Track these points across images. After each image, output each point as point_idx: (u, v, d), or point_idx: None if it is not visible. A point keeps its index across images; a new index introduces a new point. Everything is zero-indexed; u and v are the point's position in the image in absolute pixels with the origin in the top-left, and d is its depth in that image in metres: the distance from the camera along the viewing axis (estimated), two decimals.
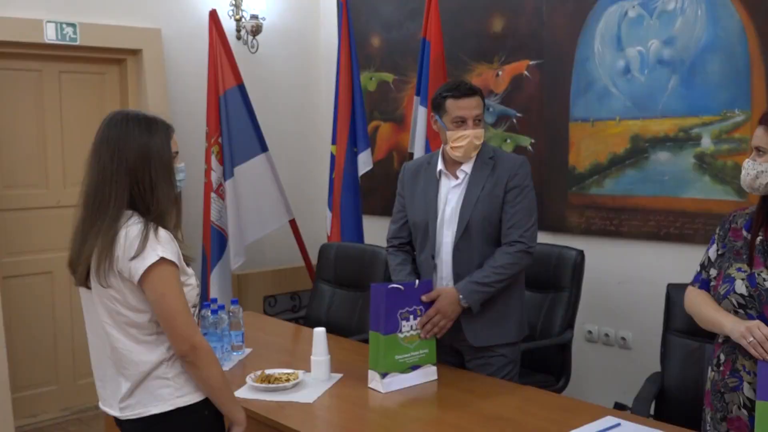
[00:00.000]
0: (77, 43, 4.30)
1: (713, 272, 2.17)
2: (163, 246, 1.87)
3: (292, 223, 4.74)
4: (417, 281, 2.61)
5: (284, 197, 4.67)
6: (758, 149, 2.05)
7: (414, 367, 2.57)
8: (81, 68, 4.52)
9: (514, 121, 4.14)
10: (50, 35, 4.21)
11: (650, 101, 3.55)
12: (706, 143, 3.38)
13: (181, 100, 4.72)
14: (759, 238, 2.07)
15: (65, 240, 2.02)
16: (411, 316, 2.57)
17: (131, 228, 1.88)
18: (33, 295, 4.42)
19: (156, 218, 1.92)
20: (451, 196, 2.75)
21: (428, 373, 2.61)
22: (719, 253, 2.17)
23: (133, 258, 1.85)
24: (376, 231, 4.64)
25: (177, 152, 2.02)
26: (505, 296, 2.73)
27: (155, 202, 1.91)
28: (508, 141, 4.16)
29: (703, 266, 2.23)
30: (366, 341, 2.65)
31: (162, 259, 1.86)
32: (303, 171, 5.37)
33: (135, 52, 4.58)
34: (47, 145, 4.45)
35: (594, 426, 2.15)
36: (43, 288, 4.45)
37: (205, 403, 1.99)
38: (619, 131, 3.67)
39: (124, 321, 1.91)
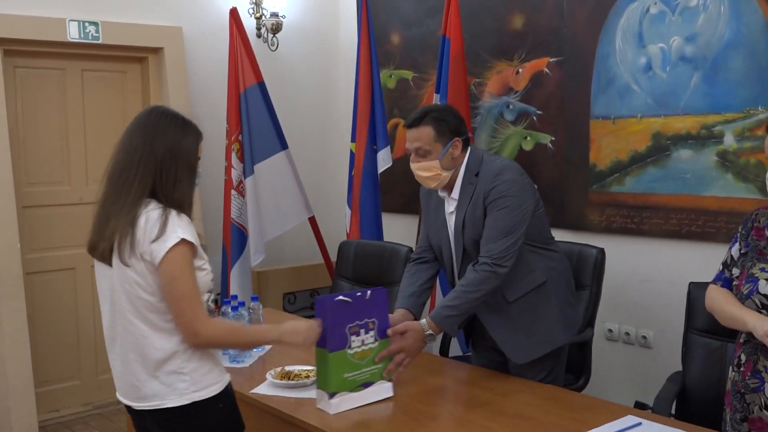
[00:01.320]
0: (99, 41, 4.35)
1: (736, 271, 2.15)
2: (183, 228, 1.94)
3: (312, 220, 4.75)
4: (369, 291, 2.36)
5: (304, 194, 4.69)
6: None
7: (366, 384, 2.35)
8: (103, 66, 4.57)
9: (534, 118, 4.12)
10: (73, 34, 4.26)
11: (672, 98, 3.52)
12: (729, 141, 3.34)
13: (201, 97, 4.75)
14: None
15: (88, 237, 2.07)
16: (362, 330, 2.33)
17: (152, 213, 1.95)
18: (56, 291, 4.48)
19: (174, 208, 1.99)
20: (450, 221, 2.69)
21: (382, 390, 2.39)
22: (742, 252, 2.15)
23: (155, 240, 1.92)
24: (395, 228, 4.64)
25: (199, 158, 2.10)
26: (531, 310, 2.64)
27: (175, 194, 1.99)
28: (528, 138, 4.15)
29: (725, 265, 2.20)
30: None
31: (182, 240, 1.92)
32: (322, 168, 5.39)
33: (156, 51, 4.62)
34: (70, 143, 4.50)
35: (615, 425, 2.14)
36: (65, 284, 4.50)
37: (221, 396, 2.04)
38: (641, 129, 3.64)
39: (144, 306, 1.97)
